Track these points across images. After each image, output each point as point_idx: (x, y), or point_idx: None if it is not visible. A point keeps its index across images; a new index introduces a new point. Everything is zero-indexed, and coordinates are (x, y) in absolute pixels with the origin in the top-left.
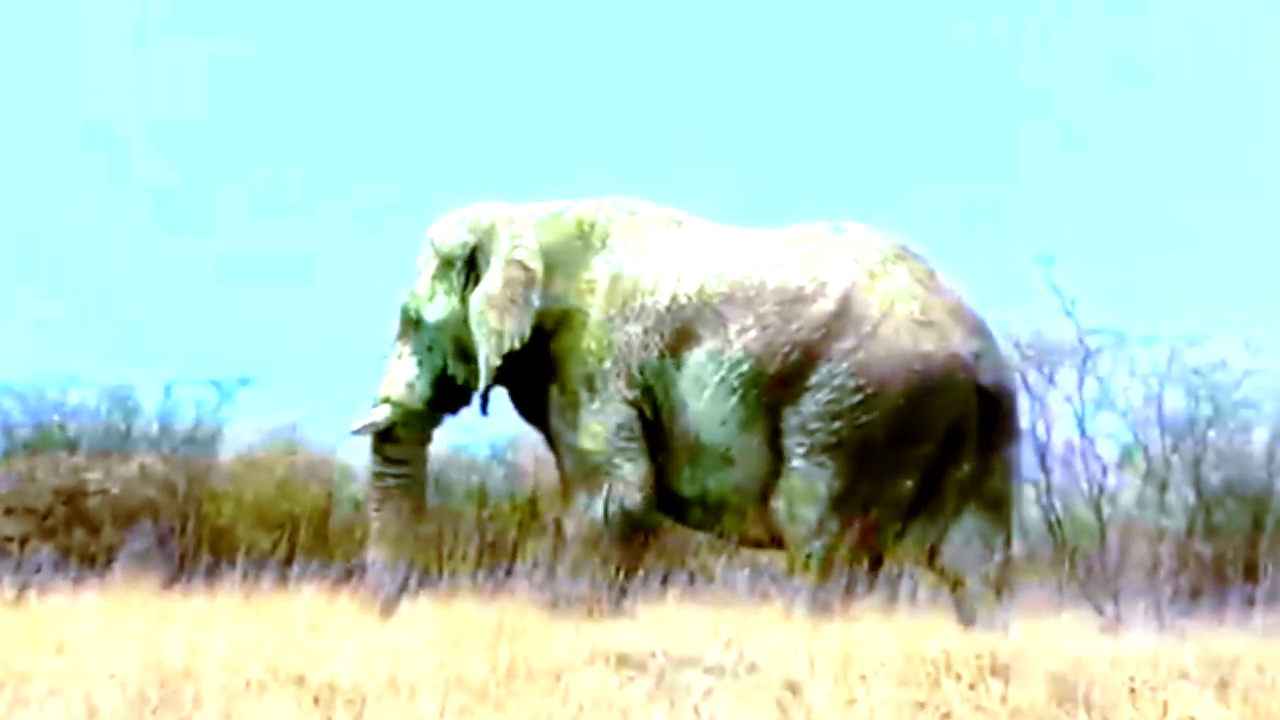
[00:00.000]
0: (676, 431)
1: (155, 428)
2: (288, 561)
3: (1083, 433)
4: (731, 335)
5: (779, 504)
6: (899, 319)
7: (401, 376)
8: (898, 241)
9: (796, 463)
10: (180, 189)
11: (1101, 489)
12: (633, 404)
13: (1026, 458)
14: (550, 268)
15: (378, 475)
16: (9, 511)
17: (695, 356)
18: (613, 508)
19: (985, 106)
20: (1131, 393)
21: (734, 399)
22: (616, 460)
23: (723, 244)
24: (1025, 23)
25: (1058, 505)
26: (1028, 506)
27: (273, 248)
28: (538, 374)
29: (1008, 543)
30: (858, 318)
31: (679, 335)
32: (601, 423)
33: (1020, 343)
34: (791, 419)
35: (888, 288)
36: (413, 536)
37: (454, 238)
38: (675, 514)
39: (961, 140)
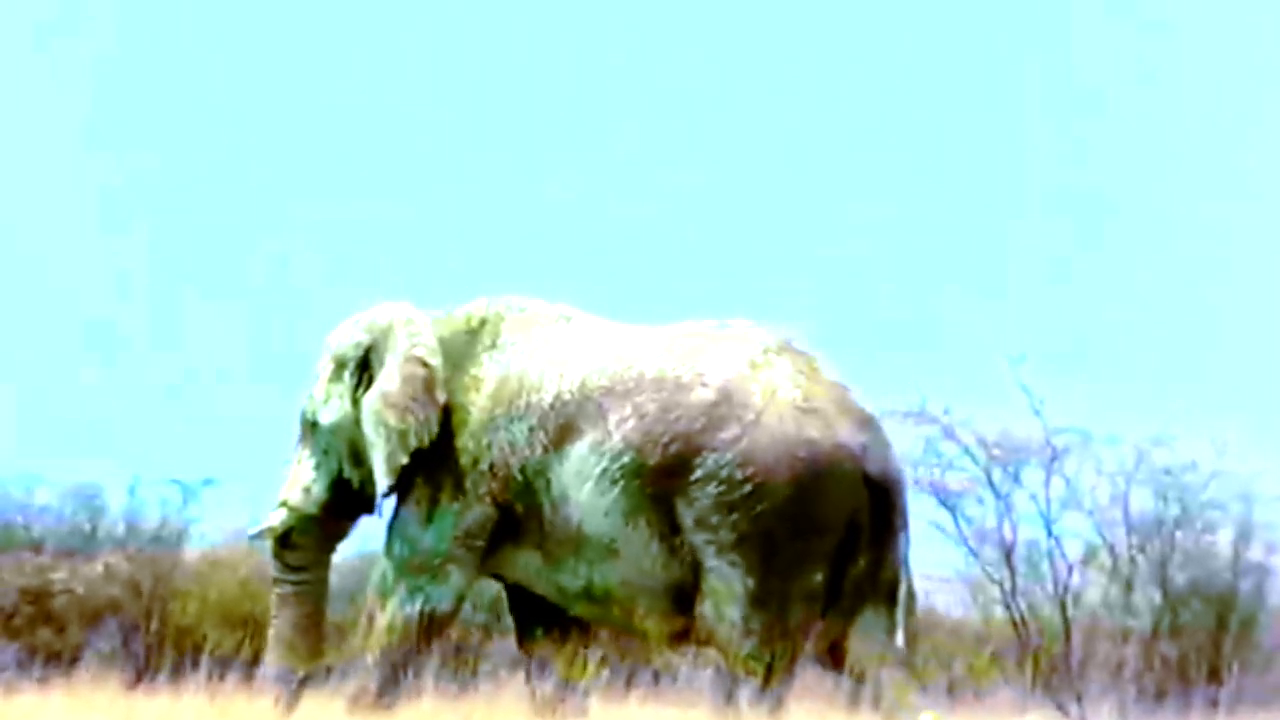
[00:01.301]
0: (559, 524)
1: (120, 527)
2: (253, 661)
3: (1049, 532)
4: (611, 426)
5: (705, 608)
6: (782, 406)
7: (299, 481)
8: (782, 336)
9: (710, 563)
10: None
11: (1067, 588)
12: (501, 505)
13: (990, 556)
14: (442, 363)
15: (276, 581)
16: None
17: (577, 449)
18: (425, 608)
19: (964, 209)
20: (1098, 492)
21: (616, 490)
22: (448, 566)
23: (607, 339)
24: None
25: (1022, 604)
26: (992, 606)
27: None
28: (411, 462)
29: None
30: (740, 406)
31: (562, 430)
32: (450, 524)
33: (987, 441)
34: (687, 516)
35: (769, 377)
36: (307, 644)
37: (348, 339)
38: (564, 607)
39: (936, 240)
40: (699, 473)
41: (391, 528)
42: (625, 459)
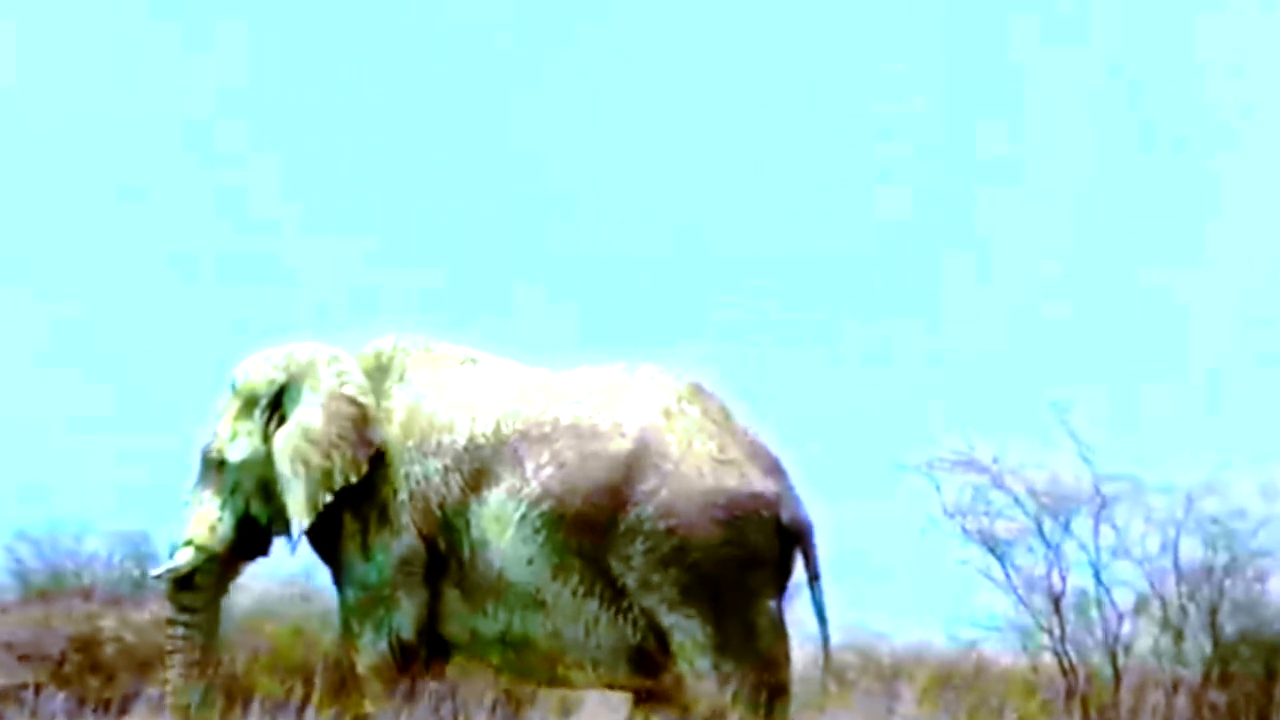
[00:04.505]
0: (480, 568)
1: None
2: (302, 709)
3: (1098, 580)
4: (529, 473)
5: (681, 667)
6: (699, 457)
7: (204, 519)
8: (692, 381)
9: (667, 621)
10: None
11: (1117, 637)
12: (426, 537)
13: (1039, 604)
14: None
15: (170, 623)
16: (23, 658)
17: (495, 495)
18: (392, 639)
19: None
20: (1148, 541)
21: (539, 539)
22: (397, 595)
23: (518, 383)
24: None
25: (1072, 653)
26: (1041, 654)
27: None
28: (333, 503)
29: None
30: (658, 456)
31: (477, 474)
32: (386, 556)
33: (1036, 490)
34: (629, 578)
35: (685, 426)
36: (205, 699)
37: (259, 376)
38: (475, 653)
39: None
40: (622, 527)
41: (339, 575)
42: (544, 506)
